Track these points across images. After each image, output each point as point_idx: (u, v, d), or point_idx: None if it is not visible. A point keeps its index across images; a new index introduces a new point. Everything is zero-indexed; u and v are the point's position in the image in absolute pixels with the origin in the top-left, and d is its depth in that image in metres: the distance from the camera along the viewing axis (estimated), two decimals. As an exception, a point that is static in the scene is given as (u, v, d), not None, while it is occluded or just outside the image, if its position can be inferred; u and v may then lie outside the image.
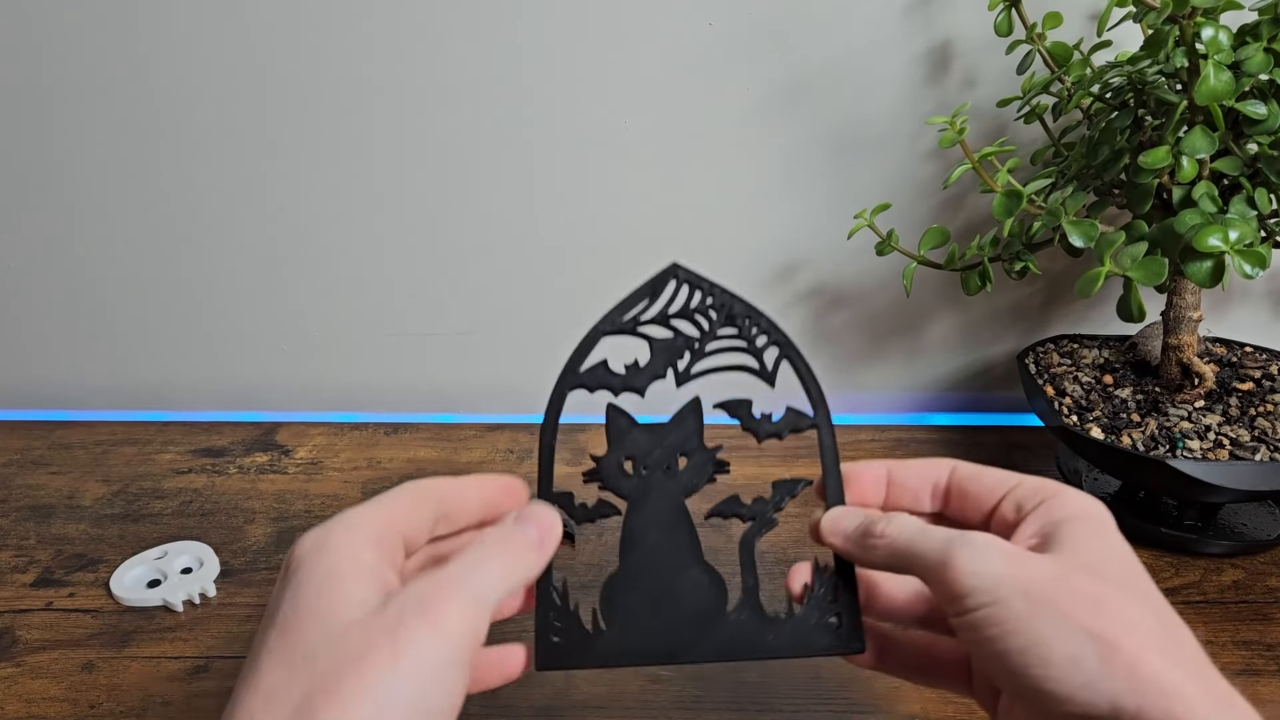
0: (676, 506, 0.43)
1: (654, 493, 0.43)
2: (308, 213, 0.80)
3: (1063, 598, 0.32)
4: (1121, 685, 0.31)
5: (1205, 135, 0.55)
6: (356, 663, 0.30)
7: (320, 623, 0.32)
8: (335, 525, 0.35)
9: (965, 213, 0.78)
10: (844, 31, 0.72)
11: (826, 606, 0.40)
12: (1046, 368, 0.71)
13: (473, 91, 0.75)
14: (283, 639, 0.32)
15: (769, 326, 0.44)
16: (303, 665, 0.30)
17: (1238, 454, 0.59)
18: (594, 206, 0.79)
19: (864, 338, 0.83)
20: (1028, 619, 0.32)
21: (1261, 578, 0.60)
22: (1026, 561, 0.34)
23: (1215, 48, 0.53)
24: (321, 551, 0.34)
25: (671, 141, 0.76)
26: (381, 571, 0.34)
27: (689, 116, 0.75)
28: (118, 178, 0.79)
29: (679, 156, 0.77)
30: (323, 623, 0.31)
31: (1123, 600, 0.33)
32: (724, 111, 0.75)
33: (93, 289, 0.84)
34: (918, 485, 0.42)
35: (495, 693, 0.51)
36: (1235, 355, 0.71)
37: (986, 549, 0.34)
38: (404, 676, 0.30)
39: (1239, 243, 0.52)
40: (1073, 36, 0.67)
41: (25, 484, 0.73)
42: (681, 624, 0.41)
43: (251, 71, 0.75)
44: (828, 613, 0.40)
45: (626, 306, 0.44)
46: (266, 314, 0.85)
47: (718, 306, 0.44)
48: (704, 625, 0.41)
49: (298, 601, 0.32)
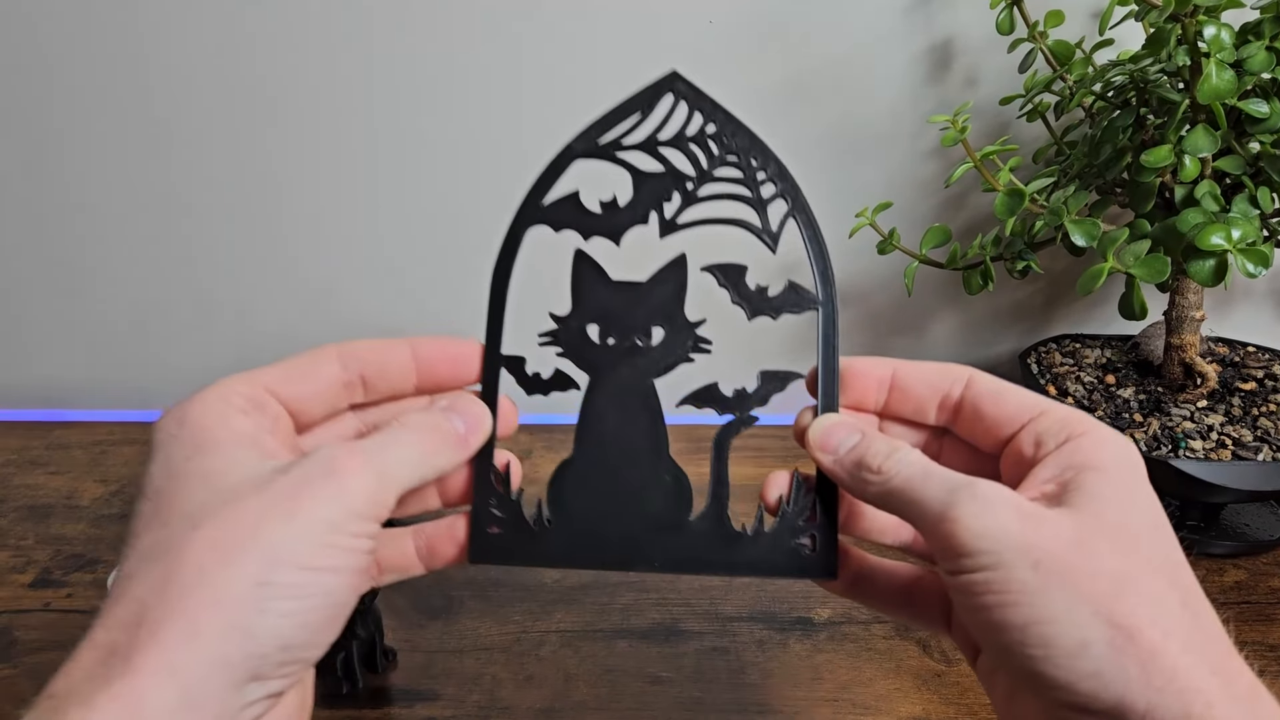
0: (645, 387, 0.37)
1: (621, 367, 0.37)
2: (307, 213, 0.80)
3: (1079, 571, 0.28)
4: (1134, 680, 0.27)
5: (1207, 134, 0.54)
6: (246, 519, 0.28)
7: (200, 483, 0.29)
8: (196, 396, 0.32)
9: (967, 212, 0.78)
10: (845, 29, 0.72)
11: (801, 526, 0.36)
12: (1049, 367, 0.71)
13: (469, 91, 0.75)
14: (157, 504, 0.30)
15: (778, 172, 0.37)
16: (182, 525, 0.28)
17: (1240, 454, 0.59)
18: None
19: (865, 337, 0.83)
20: (1034, 592, 0.28)
21: (1264, 579, 0.60)
22: (1041, 522, 0.29)
23: (1217, 46, 0.53)
24: (184, 425, 0.31)
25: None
26: (261, 439, 0.32)
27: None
28: (117, 177, 0.79)
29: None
30: (203, 483, 0.29)
31: (1148, 578, 0.29)
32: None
33: (91, 289, 0.84)
34: (925, 394, 0.37)
35: (493, 693, 0.51)
36: (1238, 355, 0.71)
37: (996, 503, 0.30)
38: (297, 535, 0.28)
39: (1241, 241, 0.51)
40: (1075, 35, 0.66)
41: (23, 484, 0.73)
42: (637, 527, 0.36)
43: (245, 76, 0.75)
44: (801, 533, 0.36)
45: (610, 123, 0.37)
46: (265, 314, 0.85)
47: (720, 137, 0.37)
48: (662, 531, 0.36)
49: (170, 468, 0.30)
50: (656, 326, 0.37)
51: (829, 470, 0.35)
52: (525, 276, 0.38)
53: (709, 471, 0.37)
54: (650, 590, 0.59)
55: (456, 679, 0.52)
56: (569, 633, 0.56)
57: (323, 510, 0.29)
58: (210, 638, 0.27)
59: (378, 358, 0.35)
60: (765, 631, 0.56)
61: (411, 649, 0.55)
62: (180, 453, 0.30)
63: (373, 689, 0.52)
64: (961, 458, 0.37)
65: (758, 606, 0.58)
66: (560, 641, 0.55)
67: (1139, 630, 0.27)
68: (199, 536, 0.28)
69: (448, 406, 0.35)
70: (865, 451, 0.34)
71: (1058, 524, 0.29)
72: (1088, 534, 0.29)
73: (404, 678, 0.52)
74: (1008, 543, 0.29)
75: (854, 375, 0.37)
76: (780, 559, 0.36)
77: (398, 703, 0.51)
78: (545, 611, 0.58)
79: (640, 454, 0.37)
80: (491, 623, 0.57)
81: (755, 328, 0.38)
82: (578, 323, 0.37)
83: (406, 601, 0.59)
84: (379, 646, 0.52)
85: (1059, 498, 0.31)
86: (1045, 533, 0.29)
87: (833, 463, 0.35)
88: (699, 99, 0.37)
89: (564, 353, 0.37)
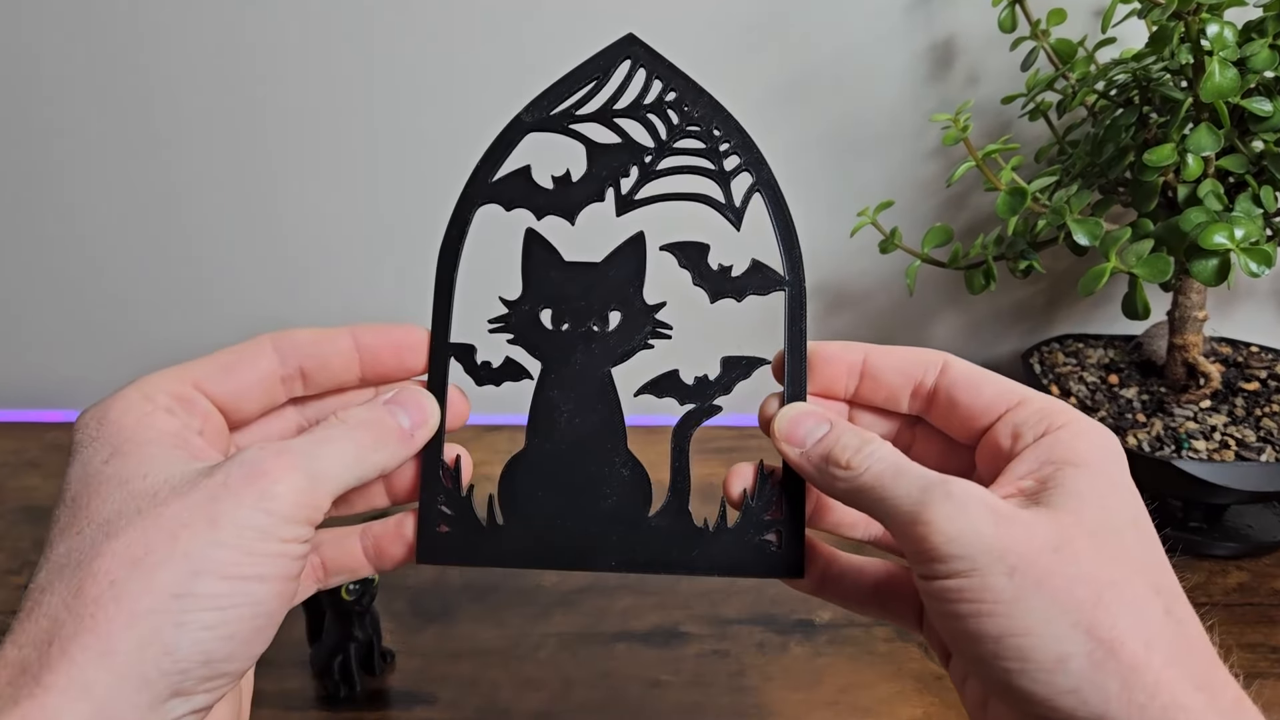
0: (601, 376, 0.35)
1: (576, 355, 0.35)
2: (306, 213, 0.80)
3: (1058, 578, 0.27)
4: (1114, 697, 0.25)
5: (1210, 133, 0.54)
6: (163, 527, 0.27)
7: (117, 488, 0.28)
8: (118, 393, 0.30)
9: (969, 211, 0.78)
10: (846, 28, 0.72)
11: (766, 521, 0.34)
12: (1051, 367, 0.71)
13: (468, 90, 0.74)
14: (73, 511, 0.28)
15: (742, 143, 0.35)
16: (96, 534, 0.27)
17: (1243, 454, 0.59)
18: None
19: (867, 337, 0.82)
20: (1010, 601, 0.26)
21: (1267, 580, 0.60)
22: (1018, 526, 0.28)
23: (1220, 44, 0.52)
24: (103, 425, 0.29)
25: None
26: (188, 439, 0.30)
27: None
28: (115, 176, 0.79)
29: (679, 155, 0.76)
30: (120, 488, 0.28)
31: (1130, 584, 0.27)
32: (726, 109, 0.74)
33: (88, 289, 0.84)
34: (897, 382, 0.35)
35: (491, 697, 0.51)
36: (1241, 355, 0.71)
37: (970, 505, 0.28)
38: (219, 543, 0.27)
39: (1245, 241, 0.51)
40: (1077, 33, 0.66)
41: (18, 486, 0.73)
42: (593, 524, 0.34)
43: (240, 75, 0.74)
44: (766, 528, 0.34)
45: (562, 92, 0.35)
46: (264, 314, 0.84)
47: (680, 105, 0.35)
48: (619, 528, 0.34)
49: (87, 472, 0.28)
50: (613, 311, 0.35)
51: (795, 464, 0.33)
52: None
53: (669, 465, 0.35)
54: (650, 593, 0.59)
55: (454, 682, 0.52)
56: (568, 636, 0.55)
57: (247, 516, 0.27)
58: (125, 654, 0.25)
59: (317, 348, 0.34)
60: (765, 634, 0.55)
61: (409, 652, 0.54)
62: (98, 455, 0.29)
63: (370, 692, 0.51)
64: (935, 449, 0.36)
65: (758, 609, 0.57)
66: (559, 645, 0.55)
67: (1120, 643, 0.26)
68: (113, 546, 0.26)
69: (392, 399, 0.33)
70: (834, 445, 0.32)
71: (1034, 526, 0.28)
72: (1067, 537, 0.28)
73: (402, 681, 0.52)
74: (982, 547, 0.27)
75: (823, 360, 0.35)
76: (744, 556, 0.34)
77: (396, 706, 0.50)
78: (544, 614, 0.57)
79: (596, 446, 0.35)
80: (489, 626, 0.56)
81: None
82: (529, 307, 0.35)
83: (404, 604, 0.58)
84: (377, 649, 0.52)
85: (1037, 495, 0.29)
86: (1021, 536, 0.27)
87: (799, 455, 0.33)
88: (656, 63, 0.35)
89: (515, 339, 0.35)
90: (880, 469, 0.31)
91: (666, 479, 0.35)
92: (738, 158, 0.35)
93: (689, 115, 0.35)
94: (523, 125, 0.35)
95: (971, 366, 0.34)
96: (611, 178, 0.35)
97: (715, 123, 0.35)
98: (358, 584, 0.50)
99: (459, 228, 0.35)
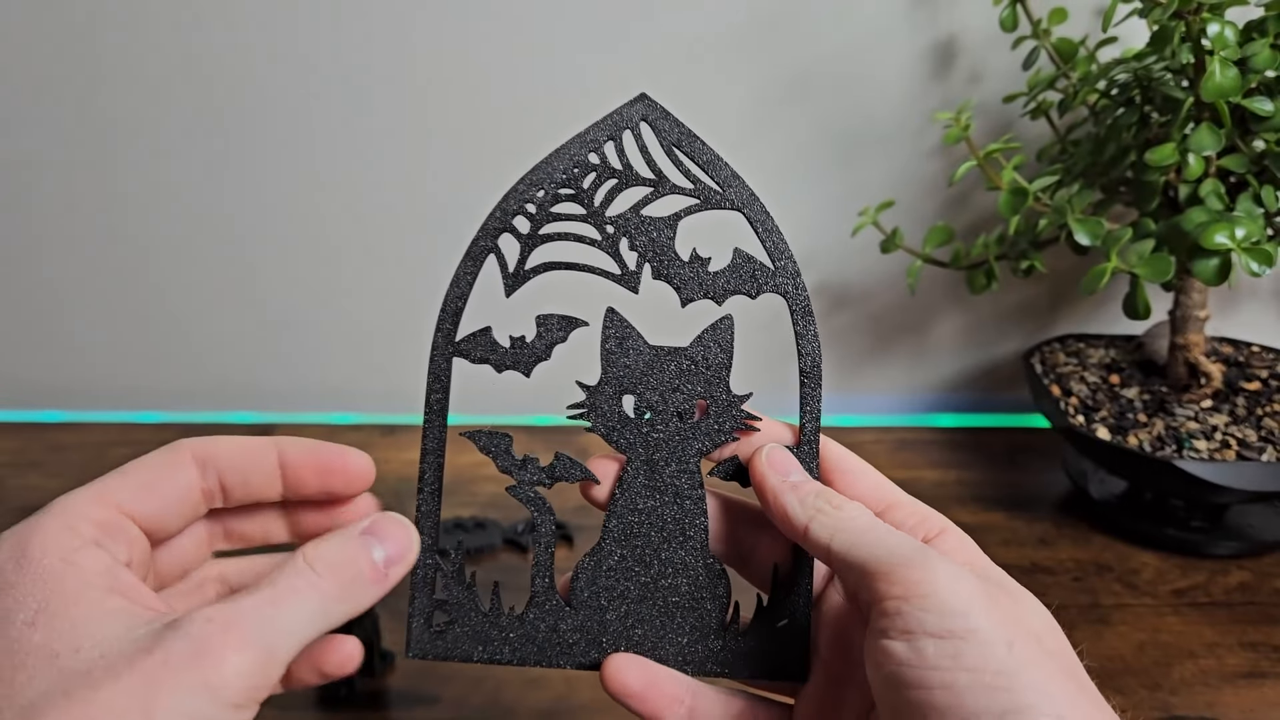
0: (686, 470, 0.33)
1: (659, 447, 0.33)
2: (304, 213, 0.80)
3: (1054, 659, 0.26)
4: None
5: (1212, 132, 0.54)
6: (97, 718, 0.23)
7: (47, 664, 0.24)
8: (37, 523, 0.28)
9: (971, 210, 0.78)
10: (848, 27, 0.72)
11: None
12: (1053, 367, 0.71)
13: (469, 89, 0.74)
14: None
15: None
16: (20, 718, 0.24)
17: (1245, 454, 0.59)
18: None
19: (868, 337, 0.83)
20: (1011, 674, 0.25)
21: (1268, 579, 0.60)
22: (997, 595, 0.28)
23: (1221, 44, 0.52)
24: (24, 567, 0.26)
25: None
26: (116, 575, 0.27)
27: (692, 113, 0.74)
28: (112, 175, 0.79)
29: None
30: (50, 664, 0.24)
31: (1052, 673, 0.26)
32: (727, 108, 0.74)
33: (87, 289, 0.84)
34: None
35: (495, 696, 0.51)
36: (1242, 355, 0.71)
37: (959, 568, 0.28)
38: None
39: (1246, 240, 0.51)
40: (1078, 32, 0.66)
41: (20, 485, 0.73)
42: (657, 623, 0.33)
43: (241, 71, 0.74)
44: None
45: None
46: (262, 314, 0.84)
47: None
48: (687, 631, 0.34)
49: (9, 637, 0.25)
50: (699, 400, 0.33)
51: (774, 489, 0.32)
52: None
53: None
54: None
55: (458, 682, 0.52)
56: (570, 635, 0.55)
57: (187, 702, 0.24)
58: None
59: (238, 462, 0.31)
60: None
61: (411, 651, 0.54)
62: (21, 613, 0.25)
63: (371, 692, 0.51)
64: None
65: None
66: (561, 643, 0.55)
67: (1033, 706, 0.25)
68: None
69: (369, 530, 0.30)
70: (826, 489, 0.32)
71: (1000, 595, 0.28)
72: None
73: (404, 681, 0.52)
74: (975, 609, 0.26)
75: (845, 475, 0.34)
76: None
77: (396, 706, 0.50)
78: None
79: (672, 542, 0.33)
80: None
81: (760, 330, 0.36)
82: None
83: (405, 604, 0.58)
84: (376, 650, 0.52)
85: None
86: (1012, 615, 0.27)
87: (779, 482, 0.32)
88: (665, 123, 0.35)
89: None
90: (870, 521, 0.30)
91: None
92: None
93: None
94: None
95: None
96: None
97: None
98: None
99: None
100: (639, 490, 0.33)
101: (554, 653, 0.33)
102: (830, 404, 0.36)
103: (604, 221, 0.34)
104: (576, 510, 0.68)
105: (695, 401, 0.33)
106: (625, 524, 0.33)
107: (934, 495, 0.67)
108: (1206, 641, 0.54)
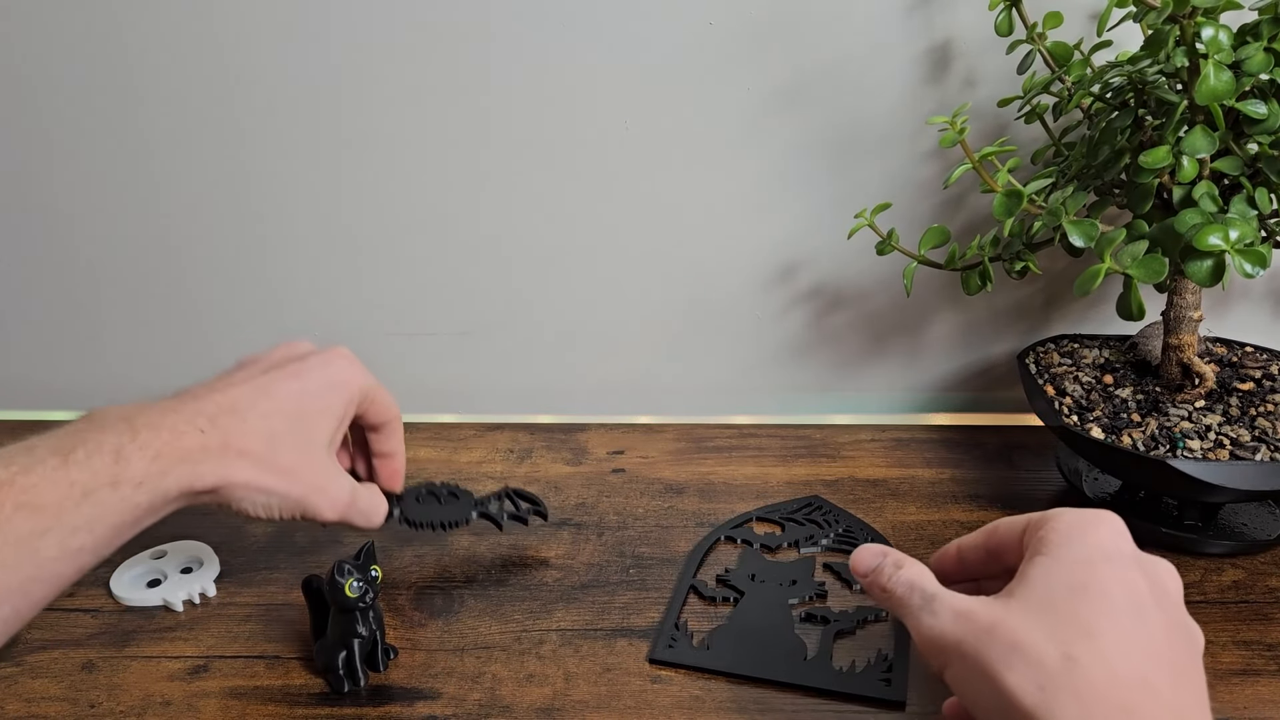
0: (780, 602, 0.57)
1: (768, 592, 0.58)
2: (306, 213, 0.80)
3: (982, 651, 0.36)
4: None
5: (1205, 135, 0.55)
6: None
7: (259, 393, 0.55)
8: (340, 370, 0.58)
9: (966, 212, 0.78)
10: (845, 31, 0.72)
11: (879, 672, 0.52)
12: (1047, 367, 0.71)
13: (472, 91, 0.75)
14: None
15: None
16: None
17: (1238, 454, 0.59)
18: (594, 207, 0.79)
19: (864, 338, 0.83)
20: (958, 680, 0.37)
21: (1262, 578, 0.60)
22: (971, 617, 0.37)
23: (1215, 47, 0.53)
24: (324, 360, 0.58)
25: (671, 142, 0.76)
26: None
27: (689, 117, 0.75)
28: (114, 177, 0.79)
29: (679, 157, 0.77)
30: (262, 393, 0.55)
31: (1035, 645, 0.35)
32: (724, 111, 0.75)
33: (87, 288, 0.84)
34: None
35: (494, 692, 0.51)
36: (1236, 355, 0.71)
37: (940, 608, 0.39)
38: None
39: (1239, 242, 0.52)
40: (1073, 36, 0.67)
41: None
42: (770, 659, 0.53)
43: (251, 69, 0.75)
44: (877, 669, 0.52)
45: None
46: (263, 314, 0.85)
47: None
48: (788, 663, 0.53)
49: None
50: (793, 581, 0.59)
51: (865, 584, 0.44)
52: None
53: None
54: (650, 589, 0.60)
55: (457, 677, 0.52)
56: (569, 631, 0.56)
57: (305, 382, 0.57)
58: None
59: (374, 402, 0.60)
60: (765, 630, 0.56)
61: (413, 647, 0.55)
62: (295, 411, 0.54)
63: (374, 687, 0.52)
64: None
65: (757, 606, 0.58)
66: (560, 640, 0.55)
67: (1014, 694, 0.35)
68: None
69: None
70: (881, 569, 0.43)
71: (981, 615, 0.38)
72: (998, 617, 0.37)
73: (405, 676, 0.53)
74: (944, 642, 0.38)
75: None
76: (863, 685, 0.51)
77: (399, 701, 0.51)
78: (545, 610, 0.58)
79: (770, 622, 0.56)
80: (492, 621, 0.57)
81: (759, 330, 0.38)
82: (743, 573, 0.60)
83: (408, 600, 0.59)
84: (380, 645, 0.52)
85: (1011, 589, 0.39)
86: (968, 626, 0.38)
87: (861, 577, 0.44)
88: None
89: (726, 583, 0.60)
90: (902, 591, 0.41)
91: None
92: None
93: None
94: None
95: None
96: None
97: None
98: (362, 581, 0.50)
99: None
100: (751, 607, 0.58)
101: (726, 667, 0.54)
102: (827, 403, 0.40)
103: None
104: (576, 509, 0.69)
105: (791, 581, 0.60)
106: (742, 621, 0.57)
107: (929, 494, 0.68)
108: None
